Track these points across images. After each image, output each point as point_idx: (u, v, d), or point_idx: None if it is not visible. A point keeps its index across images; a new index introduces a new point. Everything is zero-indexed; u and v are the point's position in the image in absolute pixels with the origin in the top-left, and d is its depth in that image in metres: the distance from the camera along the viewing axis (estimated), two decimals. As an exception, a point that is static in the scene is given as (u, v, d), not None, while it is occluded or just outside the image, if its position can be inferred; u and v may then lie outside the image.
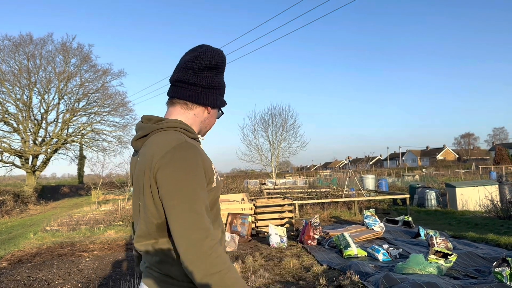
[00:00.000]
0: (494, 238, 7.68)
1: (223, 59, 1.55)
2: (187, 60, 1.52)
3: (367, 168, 51.01)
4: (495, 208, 11.14)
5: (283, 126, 28.02)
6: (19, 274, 6.82)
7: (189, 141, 1.40)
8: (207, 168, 1.41)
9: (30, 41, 29.04)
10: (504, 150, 52.56)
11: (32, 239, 10.71)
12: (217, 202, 1.50)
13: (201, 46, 1.54)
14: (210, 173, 1.42)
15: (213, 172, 1.46)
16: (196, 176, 1.33)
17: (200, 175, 1.35)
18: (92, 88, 31.94)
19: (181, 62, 1.55)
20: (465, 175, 31.89)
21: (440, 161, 71.15)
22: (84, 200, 27.71)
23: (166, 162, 1.32)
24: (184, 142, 1.37)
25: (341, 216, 12.46)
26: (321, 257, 6.80)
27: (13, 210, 21.85)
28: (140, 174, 1.40)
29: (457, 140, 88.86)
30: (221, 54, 1.54)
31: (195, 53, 1.52)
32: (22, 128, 29.46)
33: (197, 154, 1.36)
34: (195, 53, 1.52)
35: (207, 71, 1.51)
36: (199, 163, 1.35)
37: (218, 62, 1.52)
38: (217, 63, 1.52)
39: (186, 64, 1.52)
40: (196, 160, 1.35)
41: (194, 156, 1.35)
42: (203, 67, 1.50)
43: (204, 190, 1.35)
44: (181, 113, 1.53)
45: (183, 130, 1.46)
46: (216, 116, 1.65)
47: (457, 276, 5.16)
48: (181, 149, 1.34)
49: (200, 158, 1.37)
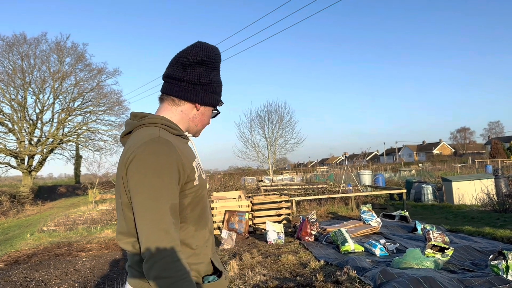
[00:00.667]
0: (491, 231, 7.70)
1: (214, 55, 1.50)
2: (176, 55, 1.50)
3: (364, 164, 51.11)
4: (491, 202, 11.18)
5: (279, 123, 28.10)
6: (15, 274, 6.79)
7: (164, 136, 1.34)
8: (186, 165, 1.36)
9: (24, 41, 28.93)
10: (500, 144, 52.79)
11: (29, 239, 10.67)
12: (201, 201, 1.45)
13: (194, 43, 1.51)
14: (189, 171, 1.37)
15: (194, 169, 1.41)
16: (163, 174, 1.27)
17: (169, 172, 1.29)
18: (87, 87, 31.88)
19: (172, 58, 1.52)
20: (461, 169, 31.99)
21: (436, 156, 71.38)
22: (81, 199, 27.66)
23: (135, 156, 1.29)
24: (157, 137, 1.32)
25: (338, 211, 12.48)
26: (318, 253, 6.80)
27: (9, 210, 21.76)
28: (118, 170, 1.38)
29: (453, 135, 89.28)
30: (211, 50, 1.50)
31: (185, 49, 1.49)
32: (17, 129, 29.34)
33: (170, 150, 1.31)
34: (186, 48, 1.49)
35: (195, 67, 1.47)
36: (170, 160, 1.30)
37: (207, 58, 1.47)
38: (206, 59, 1.47)
39: (175, 59, 1.49)
40: (166, 156, 1.29)
41: (165, 152, 1.30)
42: (190, 62, 1.46)
43: (171, 189, 1.29)
44: (168, 109, 1.50)
45: (164, 126, 1.41)
46: (211, 115, 1.60)
47: (454, 269, 5.18)
48: (152, 144, 1.30)
49: (173, 154, 1.31)
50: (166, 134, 1.37)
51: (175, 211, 1.31)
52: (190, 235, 1.41)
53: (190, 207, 1.40)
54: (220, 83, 1.57)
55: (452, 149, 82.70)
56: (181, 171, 1.33)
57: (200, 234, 1.44)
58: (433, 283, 3.98)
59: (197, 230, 1.43)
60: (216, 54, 1.51)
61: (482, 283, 4.12)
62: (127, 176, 1.31)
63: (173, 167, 1.30)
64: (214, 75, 1.53)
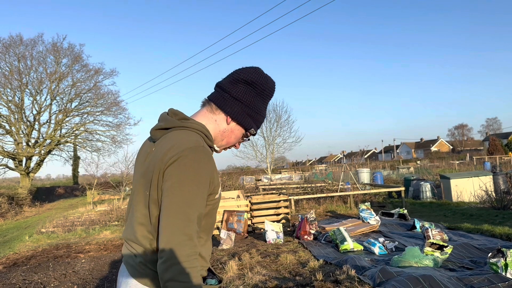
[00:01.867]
0: (489, 228, 7.71)
1: (266, 84, 1.55)
2: (234, 71, 1.58)
3: (362, 162, 51.15)
4: (490, 199, 11.20)
5: (277, 122, 28.10)
6: (14, 277, 6.77)
7: (206, 147, 1.40)
8: (215, 178, 1.41)
9: (21, 42, 28.84)
10: (498, 141, 52.90)
11: (27, 241, 10.64)
12: (214, 214, 1.51)
13: (254, 66, 1.58)
14: (216, 184, 1.43)
15: (219, 183, 1.47)
16: (201, 183, 1.33)
17: (205, 182, 1.35)
18: (84, 88, 31.79)
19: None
20: (460, 166, 32.04)
21: (434, 153, 71.42)
22: (80, 200, 27.60)
23: (178, 159, 1.32)
24: (201, 146, 1.37)
25: (336, 210, 12.49)
26: (317, 252, 6.80)
27: (7, 212, 21.69)
28: (151, 165, 1.41)
29: (451, 132, 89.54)
30: (265, 78, 1.56)
31: (243, 67, 1.57)
32: (15, 130, 29.26)
33: (209, 162, 1.36)
34: (243, 67, 1.57)
35: (242, 84, 1.52)
36: (207, 171, 1.35)
37: (257, 82, 1.53)
38: (255, 82, 1.52)
39: (230, 73, 1.57)
40: (206, 167, 1.35)
41: (206, 163, 1.35)
42: (240, 79, 1.52)
43: (203, 199, 1.35)
44: (205, 115, 1.55)
45: (203, 135, 1.47)
46: (239, 137, 1.60)
47: (453, 267, 5.18)
48: (196, 152, 1.34)
49: (210, 166, 1.37)
50: (205, 144, 1.43)
51: (200, 221, 1.38)
52: (201, 244, 1.46)
53: (206, 218, 1.46)
54: (261, 112, 1.58)
55: (450, 146, 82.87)
56: (210, 183, 1.39)
57: (208, 243, 1.52)
58: (433, 282, 3.98)
59: (207, 240, 1.52)
60: (269, 84, 1.57)
61: (481, 281, 4.12)
62: (165, 176, 1.34)
63: (207, 178, 1.36)
64: (259, 101, 1.56)
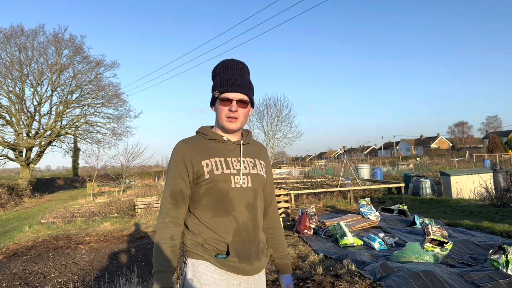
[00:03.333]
0: (489, 225, 7.71)
1: (215, 67, 1.87)
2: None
3: (362, 158, 51.14)
4: (490, 196, 11.20)
5: (278, 117, 27.91)
6: (14, 267, 6.78)
7: (184, 141, 1.79)
8: (195, 161, 1.73)
9: (22, 33, 28.71)
10: (498, 138, 52.88)
11: (27, 232, 10.66)
12: (217, 193, 1.73)
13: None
14: (198, 166, 1.72)
15: (202, 166, 1.72)
16: (170, 167, 1.76)
17: (175, 166, 1.74)
18: (85, 80, 31.70)
19: None
20: (459, 163, 32.05)
21: (434, 150, 71.43)
22: (79, 192, 27.64)
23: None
24: (179, 142, 1.79)
25: (336, 205, 12.50)
26: (317, 247, 6.81)
27: (7, 203, 21.71)
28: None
29: (451, 129, 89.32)
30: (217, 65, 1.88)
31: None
32: (15, 121, 29.22)
33: (178, 150, 1.75)
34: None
35: (213, 80, 1.86)
36: (177, 157, 1.74)
37: (213, 71, 1.87)
38: (212, 73, 1.87)
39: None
40: (175, 155, 1.75)
41: (175, 152, 1.76)
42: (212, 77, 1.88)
43: (175, 178, 1.73)
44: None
45: (199, 133, 1.83)
46: (220, 106, 1.77)
47: (453, 264, 5.18)
48: (174, 148, 1.78)
49: (180, 153, 1.74)
50: (192, 139, 1.81)
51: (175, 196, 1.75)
52: (207, 218, 1.73)
53: (206, 196, 1.74)
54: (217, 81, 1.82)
55: (450, 143, 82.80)
56: (191, 166, 1.73)
57: (219, 220, 1.72)
58: (433, 277, 3.98)
59: (213, 216, 1.72)
60: (217, 65, 1.86)
61: (482, 277, 4.13)
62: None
63: (178, 163, 1.74)
64: (218, 77, 1.82)
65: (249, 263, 1.72)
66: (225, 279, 1.70)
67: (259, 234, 1.82)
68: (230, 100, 1.74)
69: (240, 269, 1.71)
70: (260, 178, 1.83)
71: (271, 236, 1.98)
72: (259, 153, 1.92)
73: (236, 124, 1.76)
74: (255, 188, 1.80)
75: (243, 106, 1.76)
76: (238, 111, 1.75)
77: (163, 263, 1.63)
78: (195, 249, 1.71)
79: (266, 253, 1.85)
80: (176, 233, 1.70)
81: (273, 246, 1.98)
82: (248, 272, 1.73)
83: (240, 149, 1.81)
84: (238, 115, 1.75)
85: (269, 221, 1.98)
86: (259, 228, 1.83)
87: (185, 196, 1.74)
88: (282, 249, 2.00)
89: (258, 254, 1.77)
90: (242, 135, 1.89)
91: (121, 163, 20.79)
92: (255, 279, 1.79)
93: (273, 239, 1.98)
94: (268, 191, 1.96)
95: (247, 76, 1.84)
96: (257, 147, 1.95)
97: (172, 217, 1.70)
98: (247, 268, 1.72)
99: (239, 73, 1.80)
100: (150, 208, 12.79)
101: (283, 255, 2.00)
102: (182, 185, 1.72)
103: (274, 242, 1.98)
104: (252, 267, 1.74)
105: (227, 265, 1.69)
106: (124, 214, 12.83)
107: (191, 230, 1.74)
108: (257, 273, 1.79)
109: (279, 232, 2.01)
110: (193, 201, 1.76)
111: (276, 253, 1.99)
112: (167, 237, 1.66)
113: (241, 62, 1.86)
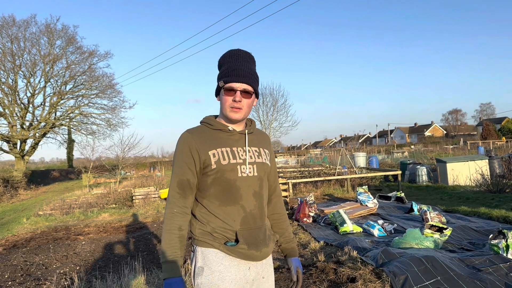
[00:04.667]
0: (486, 211, 7.80)
1: (222, 57, 1.85)
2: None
3: (358, 146, 51.32)
4: (486, 182, 11.31)
5: (274, 106, 27.92)
6: (15, 258, 6.78)
7: (190, 131, 1.79)
8: (201, 152, 1.74)
9: (13, 23, 28.33)
10: (491, 126, 53.25)
11: (25, 224, 10.64)
12: (224, 182, 1.75)
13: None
14: (205, 156, 1.74)
15: (209, 156, 1.74)
16: (177, 157, 1.76)
17: (181, 156, 1.74)
18: (79, 70, 31.45)
19: None
20: (454, 150, 32.28)
21: (428, 138, 71.75)
22: (75, 184, 27.56)
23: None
24: (185, 132, 1.79)
25: (334, 193, 12.57)
26: (317, 234, 6.86)
27: (3, 195, 21.65)
28: None
29: (444, 117, 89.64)
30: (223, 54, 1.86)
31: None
32: (9, 113, 28.97)
33: (184, 141, 1.75)
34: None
35: (219, 70, 1.84)
36: (184, 147, 1.75)
37: (219, 61, 1.86)
38: (218, 63, 1.86)
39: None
40: (182, 144, 1.75)
41: (181, 142, 1.76)
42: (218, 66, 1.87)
43: (182, 167, 1.74)
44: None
45: (204, 123, 1.84)
46: (224, 96, 1.78)
47: (453, 249, 5.25)
48: (179, 137, 1.79)
49: (186, 143, 1.74)
50: (198, 129, 1.81)
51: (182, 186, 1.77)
52: (215, 207, 1.76)
53: (214, 186, 1.75)
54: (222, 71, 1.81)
55: (444, 130, 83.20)
56: (198, 156, 1.74)
57: (227, 209, 1.75)
58: (435, 263, 4.03)
59: (221, 205, 1.75)
60: (223, 55, 1.85)
61: (483, 261, 4.18)
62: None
63: (185, 152, 1.75)
64: (224, 67, 1.82)
65: (258, 249, 1.77)
66: (235, 265, 1.74)
67: (265, 221, 1.87)
68: (235, 90, 1.75)
69: (249, 256, 1.75)
70: (265, 167, 1.87)
71: (276, 221, 2.04)
72: (263, 142, 1.96)
73: (239, 114, 1.77)
74: (260, 177, 1.84)
75: (247, 96, 1.77)
76: (242, 101, 1.75)
77: (171, 253, 1.66)
78: (204, 237, 1.74)
79: (272, 239, 1.91)
80: (184, 223, 1.73)
81: (279, 231, 2.04)
82: (257, 258, 1.78)
83: (245, 139, 1.84)
84: (242, 106, 1.76)
85: (274, 207, 2.04)
86: (265, 215, 1.88)
87: (192, 186, 1.76)
88: (288, 234, 2.06)
89: (265, 240, 1.82)
90: (246, 124, 1.91)
91: (117, 154, 20.74)
92: (263, 263, 1.85)
93: (279, 224, 2.04)
94: (272, 178, 2.01)
95: (252, 66, 1.84)
96: (261, 136, 1.98)
97: (180, 207, 1.73)
98: (256, 254, 1.77)
99: (245, 63, 1.80)
100: (148, 198, 12.80)
101: (289, 239, 2.06)
102: (189, 175, 1.74)
103: (280, 227, 2.04)
104: (261, 253, 1.79)
105: (236, 252, 1.73)
106: (122, 204, 12.83)
107: (199, 219, 1.77)
108: (265, 258, 1.84)
109: (284, 218, 2.06)
110: (200, 190, 1.79)
111: (282, 238, 2.05)
112: (175, 227, 1.69)
113: (247, 52, 1.85)
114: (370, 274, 4.16)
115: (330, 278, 4.30)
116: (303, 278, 4.41)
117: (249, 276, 1.78)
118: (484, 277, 3.79)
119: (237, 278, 1.74)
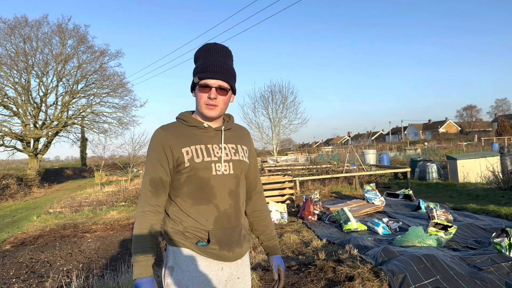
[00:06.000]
0: (495, 209, 7.66)
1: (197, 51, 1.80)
2: None
3: (369, 143, 50.92)
4: (496, 179, 11.10)
5: (283, 103, 27.86)
6: (22, 256, 6.87)
7: (164, 127, 1.74)
8: (175, 149, 1.69)
9: (26, 23, 28.68)
10: (507, 122, 52.24)
11: (35, 221, 10.79)
12: (198, 181, 1.71)
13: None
14: (178, 154, 1.69)
15: (182, 153, 1.70)
16: (149, 154, 1.72)
17: (154, 153, 1.70)
18: (90, 70, 31.71)
19: None
20: (467, 147, 31.81)
21: (442, 134, 70.87)
22: (88, 182, 27.86)
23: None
24: (158, 128, 1.74)
25: (342, 191, 12.48)
26: (321, 232, 6.81)
27: (17, 193, 21.99)
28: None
29: (459, 113, 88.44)
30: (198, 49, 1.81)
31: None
32: (22, 112, 29.38)
33: (157, 137, 1.71)
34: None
35: (195, 64, 1.79)
36: (157, 144, 1.70)
37: (195, 55, 1.80)
38: (194, 56, 1.80)
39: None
40: (154, 141, 1.71)
41: (154, 139, 1.72)
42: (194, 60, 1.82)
43: (154, 165, 1.70)
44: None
45: (179, 120, 1.79)
46: (199, 93, 1.73)
47: (456, 247, 5.16)
48: (153, 133, 1.74)
49: (159, 140, 1.70)
50: (172, 126, 1.75)
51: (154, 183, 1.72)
52: (188, 206, 1.72)
53: (187, 185, 1.71)
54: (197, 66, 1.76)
55: (458, 127, 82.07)
56: (170, 154, 1.69)
57: (200, 208, 1.71)
58: (435, 261, 3.96)
59: (194, 204, 1.71)
60: (198, 49, 1.79)
61: (485, 260, 4.10)
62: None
63: (157, 150, 1.70)
64: (199, 62, 1.76)
65: (230, 250, 1.74)
66: (207, 265, 1.71)
67: (242, 220, 1.82)
68: (210, 87, 1.70)
69: (221, 256, 1.72)
70: (242, 164, 1.82)
71: (256, 218, 1.98)
72: (241, 138, 1.90)
73: (215, 112, 1.72)
74: (237, 175, 1.79)
75: (223, 93, 1.72)
76: (217, 98, 1.71)
77: (143, 252, 1.62)
78: (176, 236, 1.70)
79: (248, 239, 1.86)
80: (156, 222, 1.68)
81: (259, 229, 1.99)
82: (229, 259, 1.75)
83: (221, 136, 1.79)
84: (218, 103, 1.71)
85: (254, 204, 1.98)
86: (242, 215, 1.84)
87: (165, 184, 1.72)
88: (269, 231, 2.00)
89: (239, 240, 1.78)
90: (224, 120, 1.87)
91: (128, 152, 20.90)
92: (238, 264, 1.81)
93: (259, 221, 1.99)
94: (252, 175, 1.95)
95: (229, 62, 1.79)
96: (239, 131, 1.92)
97: (152, 206, 1.68)
98: (228, 255, 1.74)
99: (221, 58, 1.75)
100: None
101: (271, 236, 2.00)
102: (161, 173, 1.70)
103: (261, 225, 1.99)
104: (233, 253, 1.75)
105: (207, 252, 1.70)
106: (131, 202, 12.93)
107: (172, 218, 1.74)
108: (239, 259, 1.80)
109: (265, 215, 2.01)
110: (174, 189, 1.75)
111: (263, 236, 1.99)
112: (146, 226, 1.65)
113: (224, 46, 1.79)
114: (369, 273, 4.11)
115: (328, 276, 4.26)
116: (301, 276, 4.38)
117: (222, 276, 1.74)
118: (484, 276, 3.71)
119: (208, 278, 1.70)
